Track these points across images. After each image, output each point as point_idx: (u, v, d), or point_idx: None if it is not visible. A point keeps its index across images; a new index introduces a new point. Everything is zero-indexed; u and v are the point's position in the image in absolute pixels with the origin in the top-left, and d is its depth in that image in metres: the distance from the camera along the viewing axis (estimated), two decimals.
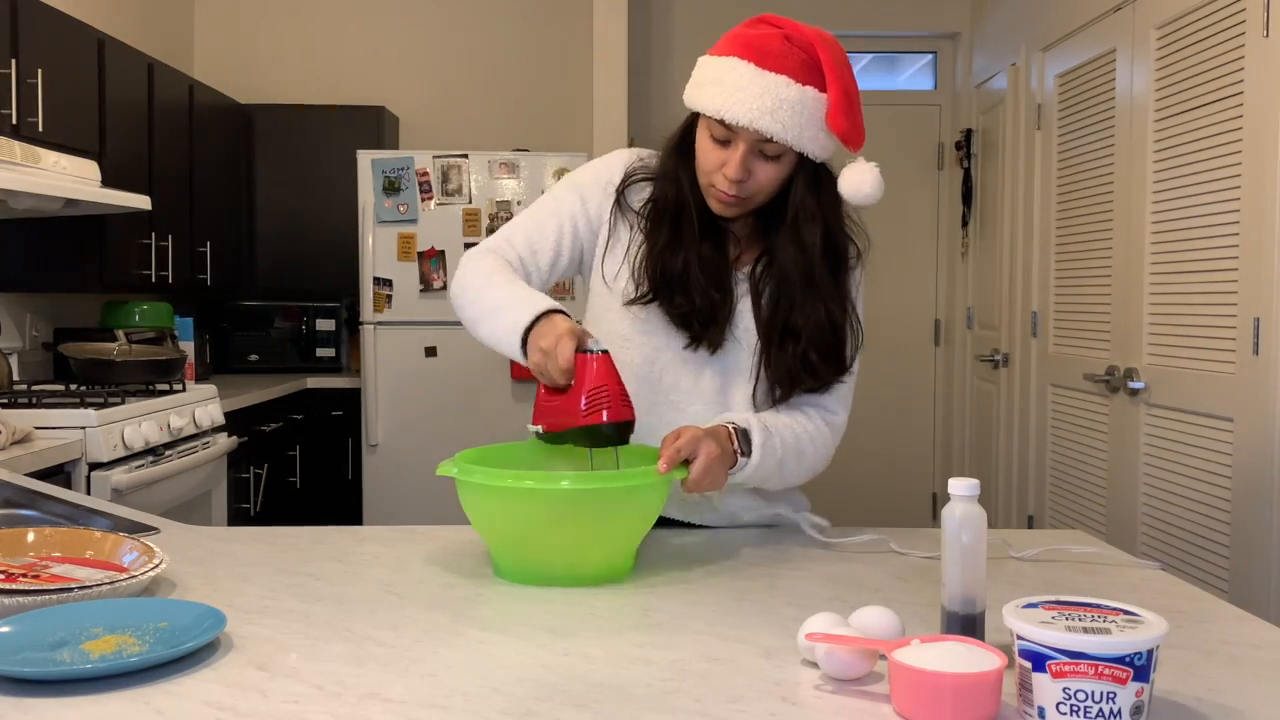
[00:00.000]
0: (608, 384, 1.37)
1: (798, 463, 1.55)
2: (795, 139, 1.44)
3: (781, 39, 1.44)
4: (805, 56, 1.44)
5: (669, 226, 1.56)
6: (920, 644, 0.95)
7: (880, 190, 1.47)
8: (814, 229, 1.52)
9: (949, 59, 5.17)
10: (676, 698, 0.96)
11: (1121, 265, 3.24)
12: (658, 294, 1.56)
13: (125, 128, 3.57)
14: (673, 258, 1.55)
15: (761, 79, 1.42)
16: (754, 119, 1.42)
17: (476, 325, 1.54)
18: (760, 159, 1.47)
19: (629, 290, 1.58)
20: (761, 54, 1.43)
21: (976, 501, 1.07)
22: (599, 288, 1.64)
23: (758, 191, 1.50)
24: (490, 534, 1.38)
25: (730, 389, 1.59)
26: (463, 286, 1.58)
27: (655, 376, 1.59)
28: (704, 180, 1.53)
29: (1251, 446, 2.56)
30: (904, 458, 5.21)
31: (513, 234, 1.64)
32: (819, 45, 1.44)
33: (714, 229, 1.57)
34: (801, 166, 1.50)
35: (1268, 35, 2.52)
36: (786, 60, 1.43)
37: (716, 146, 1.48)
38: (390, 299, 4.23)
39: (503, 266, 1.58)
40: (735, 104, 1.43)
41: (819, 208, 1.51)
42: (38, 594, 1.14)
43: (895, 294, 5.15)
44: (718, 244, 1.58)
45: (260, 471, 3.98)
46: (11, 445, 2.47)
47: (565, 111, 4.99)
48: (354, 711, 0.93)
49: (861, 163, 1.47)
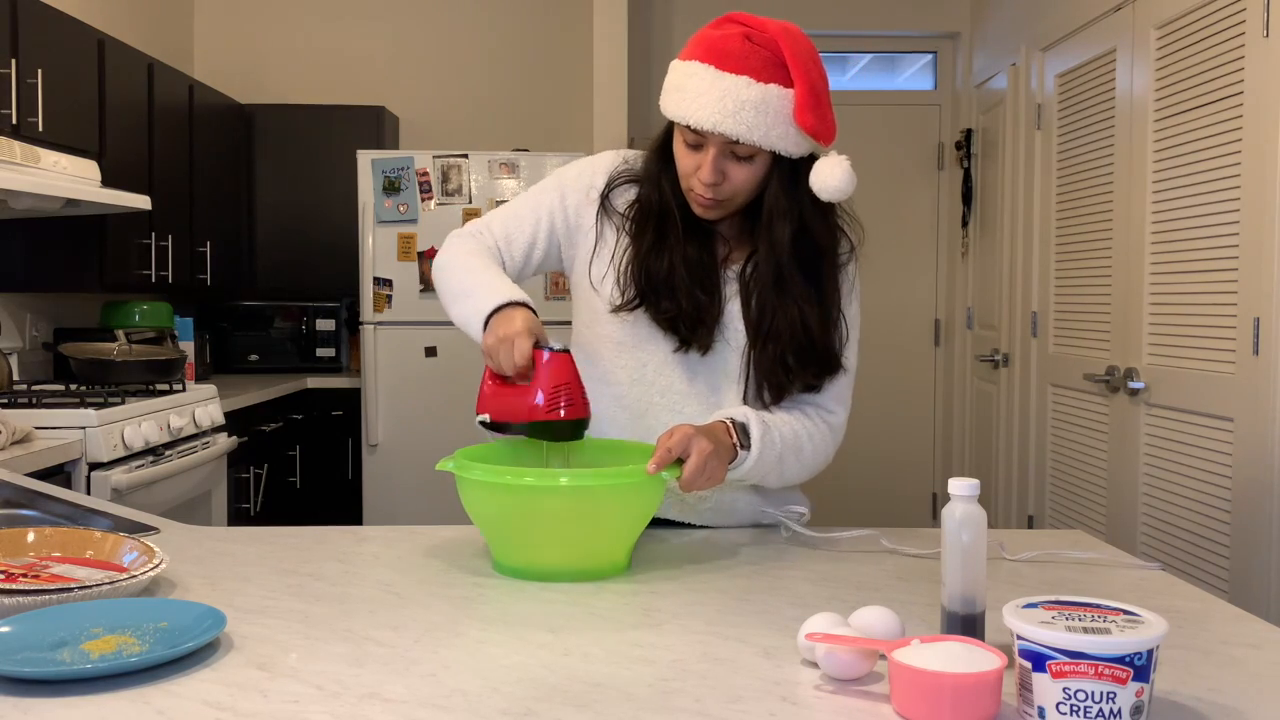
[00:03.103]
0: (569, 382, 1.39)
1: (797, 459, 1.55)
2: (763, 138, 1.43)
3: (742, 39, 1.43)
4: (768, 54, 1.42)
5: (653, 229, 1.56)
6: (920, 644, 0.95)
7: (850, 184, 1.45)
8: (784, 227, 1.50)
9: (949, 59, 5.17)
10: (676, 698, 0.96)
11: (1121, 265, 3.24)
12: (644, 299, 1.56)
13: (125, 128, 3.57)
14: (657, 261, 1.55)
15: (721, 82, 1.42)
16: (717, 122, 1.42)
17: (449, 305, 1.56)
18: (733, 160, 1.47)
19: (615, 296, 1.58)
20: (722, 56, 1.43)
21: (976, 501, 1.07)
22: (587, 293, 1.64)
23: (735, 193, 1.50)
24: (489, 529, 1.38)
25: (722, 391, 1.59)
26: (440, 267, 1.60)
27: (648, 380, 1.59)
28: (683, 184, 1.53)
29: (1251, 446, 2.56)
30: (904, 458, 5.21)
31: (492, 221, 1.66)
32: (783, 41, 1.43)
33: (700, 230, 1.57)
34: (777, 164, 1.49)
35: (1268, 35, 2.52)
36: (747, 60, 1.42)
37: (690, 151, 1.49)
38: (390, 299, 4.23)
39: (482, 251, 1.60)
40: (698, 109, 1.43)
41: (792, 205, 1.50)
42: (38, 594, 1.14)
43: (895, 294, 5.15)
44: (704, 245, 1.57)
45: (260, 471, 3.98)
46: (11, 445, 2.47)
47: (565, 111, 4.99)
48: (354, 711, 0.93)
49: (832, 156, 1.45)
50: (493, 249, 1.62)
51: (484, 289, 1.49)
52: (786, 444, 1.52)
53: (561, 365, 1.39)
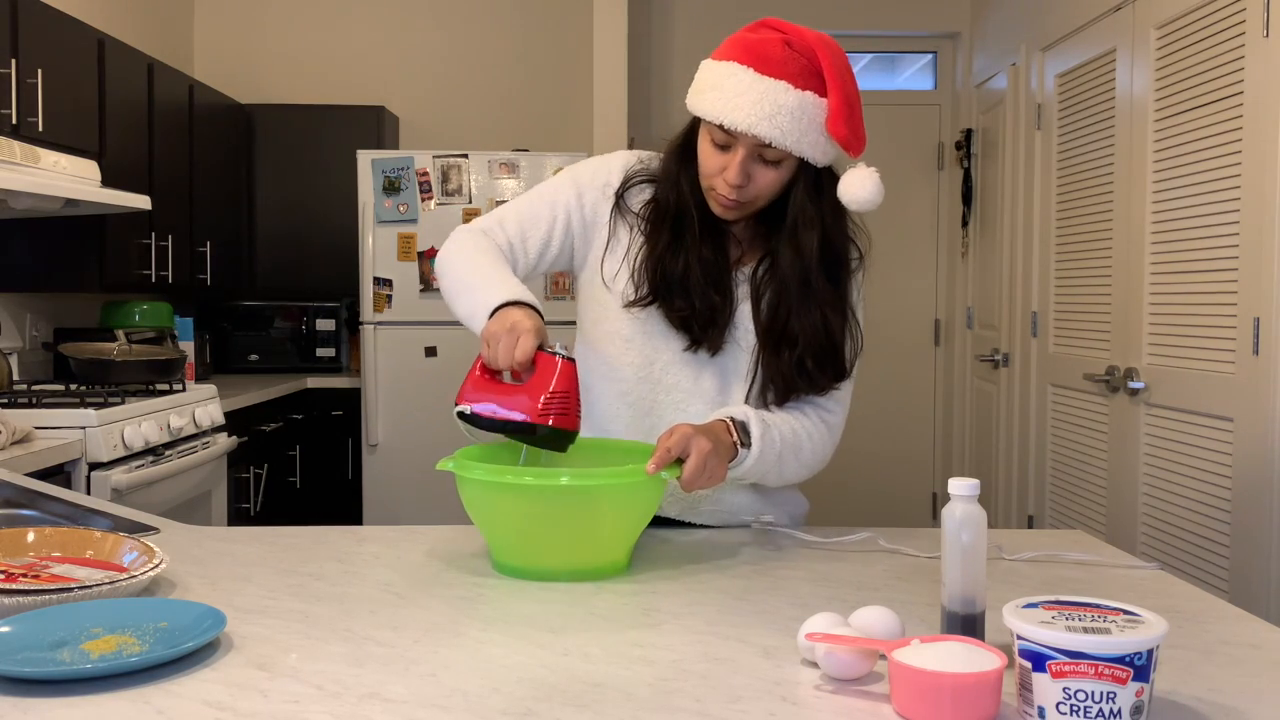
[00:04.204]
0: (569, 391, 1.38)
1: (796, 459, 1.55)
2: (795, 144, 1.44)
3: (782, 44, 1.44)
4: (806, 62, 1.44)
5: (669, 229, 1.56)
6: (920, 644, 0.95)
7: (880, 196, 1.47)
8: (812, 235, 1.52)
9: (949, 59, 5.17)
10: (676, 698, 0.96)
11: (1121, 265, 3.24)
12: (658, 296, 1.56)
13: (125, 128, 3.57)
14: (673, 260, 1.55)
15: (760, 84, 1.42)
16: (752, 124, 1.42)
17: (453, 299, 1.54)
18: (760, 164, 1.47)
19: (629, 292, 1.58)
20: (762, 59, 1.43)
21: (976, 501, 1.07)
22: (598, 290, 1.64)
23: (758, 196, 1.51)
24: (489, 529, 1.38)
25: (729, 390, 1.59)
26: (446, 259, 1.58)
27: (655, 377, 1.59)
28: (705, 184, 1.53)
29: (1251, 446, 2.56)
30: (904, 458, 5.21)
31: (505, 217, 1.63)
32: (820, 50, 1.44)
33: (715, 231, 1.57)
34: (803, 171, 1.50)
35: (1268, 35, 2.52)
36: (786, 66, 1.43)
37: (717, 151, 1.49)
38: (390, 299, 4.23)
39: (491, 248, 1.58)
40: (734, 109, 1.43)
41: (818, 213, 1.51)
42: (38, 594, 1.14)
43: (895, 294, 5.15)
44: (718, 246, 1.58)
45: (260, 471, 3.98)
46: (11, 445, 2.47)
47: (565, 111, 4.99)
48: (354, 711, 0.93)
49: (862, 168, 1.47)
50: (504, 247, 1.61)
51: (493, 284, 1.48)
52: (786, 443, 1.52)
53: (567, 372, 1.37)
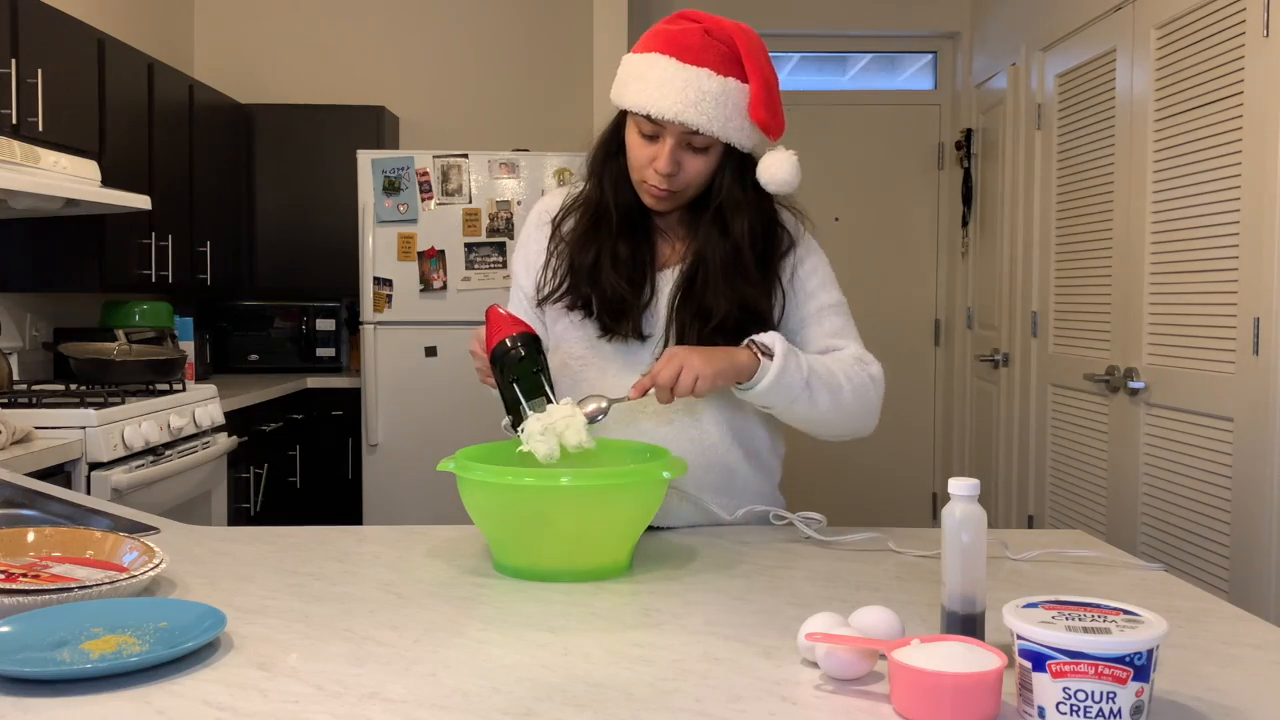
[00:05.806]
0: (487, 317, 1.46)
1: (830, 394, 1.52)
2: (720, 129, 1.47)
3: (701, 33, 1.48)
4: (725, 49, 1.47)
5: (586, 222, 1.60)
6: (920, 644, 0.95)
7: (796, 177, 1.50)
8: (741, 217, 1.54)
9: (949, 59, 5.17)
10: (676, 698, 0.96)
11: (1121, 265, 3.24)
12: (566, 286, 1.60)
13: (125, 128, 3.57)
14: (582, 252, 1.58)
15: (684, 72, 1.45)
16: (679, 112, 1.45)
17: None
18: (689, 152, 1.50)
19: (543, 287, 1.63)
20: (682, 48, 1.47)
21: (976, 501, 1.07)
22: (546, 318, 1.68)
23: (689, 184, 1.53)
24: (489, 529, 1.38)
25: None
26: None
27: (622, 389, 1.58)
28: (636, 176, 1.56)
29: (1251, 446, 2.56)
30: (904, 458, 5.21)
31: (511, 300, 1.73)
32: (738, 37, 1.48)
33: (636, 228, 1.59)
34: (728, 157, 1.53)
35: (1268, 35, 2.52)
36: (707, 53, 1.46)
37: (645, 142, 1.51)
38: (390, 299, 4.23)
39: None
40: (659, 98, 1.46)
41: (744, 197, 1.54)
42: (38, 594, 1.14)
43: (895, 294, 5.14)
44: (639, 242, 1.60)
45: (260, 471, 3.98)
46: (11, 445, 2.47)
47: (565, 111, 4.99)
48: (354, 711, 0.93)
49: (780, 150, 1.51)
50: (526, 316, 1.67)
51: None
52: (816, 373, 1.50)
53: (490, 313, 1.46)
